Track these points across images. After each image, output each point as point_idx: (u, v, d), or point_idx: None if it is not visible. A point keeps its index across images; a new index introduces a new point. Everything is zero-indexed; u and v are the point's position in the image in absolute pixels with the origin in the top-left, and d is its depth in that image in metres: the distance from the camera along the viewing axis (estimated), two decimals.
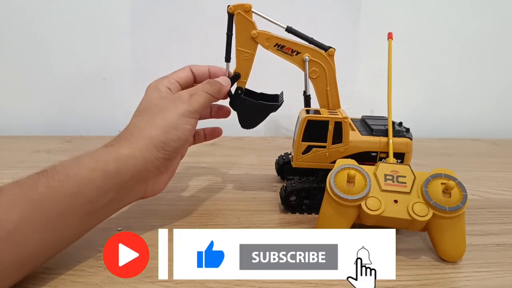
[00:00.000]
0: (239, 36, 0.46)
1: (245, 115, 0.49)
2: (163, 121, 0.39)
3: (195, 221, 0.47)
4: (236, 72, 0.48)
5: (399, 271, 0.38)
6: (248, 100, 0.48)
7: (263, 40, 0.47)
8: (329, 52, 0.47)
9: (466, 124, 0.87)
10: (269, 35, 0.47)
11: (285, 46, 0.47)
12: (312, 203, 0.48)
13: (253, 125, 0.50)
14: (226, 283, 0.35)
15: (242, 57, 0.47)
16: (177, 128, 0.40)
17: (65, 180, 0.34)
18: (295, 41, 0.47)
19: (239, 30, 0.46)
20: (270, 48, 0.47)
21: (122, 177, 0.37)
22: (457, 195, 0.38)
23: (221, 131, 0.52)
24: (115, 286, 0.35)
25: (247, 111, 0.48)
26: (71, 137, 0.78)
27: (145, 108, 0.41)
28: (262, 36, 0.46)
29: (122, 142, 0.38)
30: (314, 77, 0.48)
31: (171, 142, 0.40)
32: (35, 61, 0.78)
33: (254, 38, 0.46)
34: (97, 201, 0.36)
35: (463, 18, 0.81)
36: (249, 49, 0.47)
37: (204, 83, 0.44)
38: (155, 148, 0.39)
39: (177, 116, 0.40)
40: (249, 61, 0.47)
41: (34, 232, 0.32)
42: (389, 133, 0.45)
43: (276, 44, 0.47)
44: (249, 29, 0.46)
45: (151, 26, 0.77)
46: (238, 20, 0.46)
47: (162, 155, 0.39)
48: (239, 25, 0.46)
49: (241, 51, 0.47)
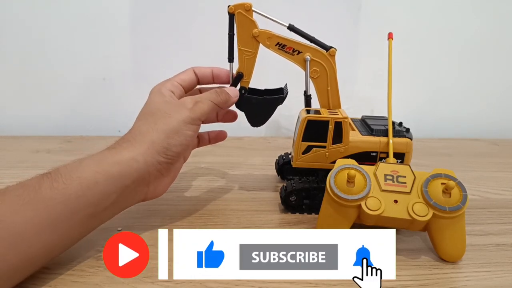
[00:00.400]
0: (241, 35, 0.46)
1: (252, 113, 0.49)
2: (166, 126, 0.40)
3: (195, 221, 0.47)
4: (239, 72, 0.47)
5: (399, 271, 0.38)
6: (253, 98, 0.48)
7: (265, 39, 0.46)
8: (330, 52, 0.47)
9: (466, 124, 0.87)
10: (271, 34, 0.46)
11: (286, 45, 0.47)
12: (312, 203, 0.48)
13: (263, 122, 0.50)
14: (226, 283, 0.35)
15: (245, 57, 0.47)
16: (179, 133, 0.40)
17: (69, 183, 0.34)
18: (296, 41, 0.47)
19: (240, 30, 0.46)
20: (271, 47, 0.47)
21: (125, 180, 0.37)
22: (457, 195, 0.38)
23: (226, 134, 0.52)
24: (115, 286, 0.35)
25: (254, 108, 0.48)
26: (71, 137, 0.78)
27: (148, 112, 0.41)
28: (263, 35, 0.46)
29: (125, 145, 0.39)
30: (315, 76, 0.48)
31: (173, 147, 0.40)
32: (35, 61, 0.78)
33: (256, 37, 0.46)
34: (100, 204, 0.36)
35: (463, 18, 0.81)
36: (251, 48, 0.47)
37: (212, 91, 0.44)
38: (157, 153, 0.39)
39: (179, 122, 0.40)
40: (251, 60, 0.47)
41: (38, 234, 0.32)
42: (389, 133, 0.45)
43: (278, 43, 0.47)
44: (250, 28, 0.46)
45: (151, 26, 0.77)
46: (239, 20, 0.45)
47: (164, 159, 0.40)
48: (240, 25, 0.46)
49: (243, 51, 0.47)
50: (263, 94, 0.49)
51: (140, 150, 0.38)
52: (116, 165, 0.37)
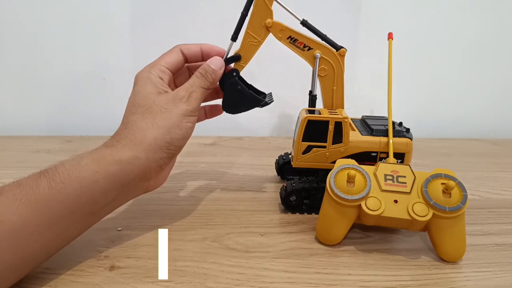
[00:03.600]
0: (253, 20, 0.45)
1: (231, 99, 0.47)
2: (166, 121, 0.39)
3: (195, 221, 0.47)
4: (237, 53, 0.46)
5: (399, 271, 0.38)
6: (240, 85, 0.46)
7: (277, 31, 0.46)
8: (340, 52, 0.47)
9: (466, 124, 0.87)
10: (284, 26, 0.46)
11: (298, 40, 0.46)
12: (312, 203, 0.48)
13: (235, 112, 0.48)
14: (226, 283, 0.35)
15: (249, 41, 0.46)
16: (180, 127, 0.40)
17: (68, 182, 0.33)
18: (308, 37, 0.46)
19: (255, 15, 0.45)
20: (283, 39, 0.46)
21: (125, 177, 0.37)
22: (457, 195, 0.38)
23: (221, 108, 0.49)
24: (115, 286, 0.35)
25: (235, 95, 0.47)
26: (71, 137, 0.78)
27: (142, 105, 0.40)
28: (276, 27, 0.46)
29: (124, 142, 0.38)
30: (323, 75, 0.48)
31: (175, 142, 0.40)
32: (35, 61, 0.78)
33: (268, 27, 0.45)
34: (99, 202, 0.36)
35: (463, 18, 0.80)
36: (259, 36, 0.46)
37: (199, 75, 0.43)
38: (160, 149, 0.39)
39: (179, 116, 0.40)
40: (255, 47, 0.46)
41: (35, 233, 0.32)
42: (389, 133, 0.45)
43: (290, 36, 0.46)
44: (265, 16, 0.45)
45: (151, 26, 0.77)
46: (258, 5, 0.44)
47: (166, 154, 0.39)
48: (257, 10, 0.45)
49: (250, 35, 0.46)
50: (248, 87, 0.48)
51: (142, 147, 0.38)
52: (116, 164, 0.36)
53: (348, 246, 0.42)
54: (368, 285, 0.36)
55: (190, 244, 0.41)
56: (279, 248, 0.41)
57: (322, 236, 0.42)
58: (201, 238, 0.43)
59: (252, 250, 0.41)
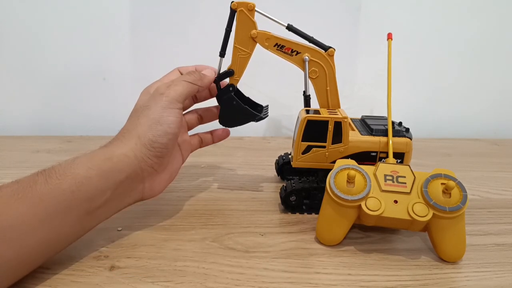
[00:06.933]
0: (239, 33, 0.46)
1: (227, 113, 0.49)
2: (147, 117, 0.40)
3: (195, 221, 0.47)
4: (230, 68, 0.47)
5: (399, 271, 0.38)
6: (236, 101, 0.47)
7: (263, 40, 0.47)
8: (329, 52, 0.47)
9: (466, 124, 0.87)
10: (269, 35, 0.46)
11: (284, 46, 0.47)
12: (312, 203, 0.48)
13: (231, 125, 0.49)
14: (226, 283, 0.35)
15: (239, 55, 0.47)
16: (161, 122, 0.40)
17: (63, 178, 0.34)
18: (294, 41, 0.47)
19: (240, 28, 0.46)
20: (270, 48, 0.47)
21: (118, 176, 0.37)
22: (457, 195, 0.38)
23: (229, 132, 0.52)
24: (115, 286, 0.35)
25: (231, 110, 0.48)
26: (71, 137, 0.78)
27: (134, 111, 0.43)
28: (262, 36, 0.46)
29: (115, 143, 0.40)
30: (314, 77, 0.48)
31: (158, 138, 0.40)
32: (35, 61, 0.78)
33: (254, 38, 0.46)
34: (94, 200, 0.36)
35: (463, 18, 0.80)
36: (247, 48, 0.47)
37: (184, 73, 0.45)
38: (145, 147, 0.39)
39: (158, 110, 0.41)
40: (245, 60, 0.47)
41: (33, 229, 0.32)
42: (389, 133, 0.45)
43: (276, 44, 0.47)
44: (249, 28, 0.46)
45: (151, 26, 0.77)
46: (240, 18, 0.45)
47: (152, 152, 0.40)
48: (240, 23, 0.46)
49: (238, 49, 0.47)
50: (244, 101, 0.49)
51: (129, 146, 0.39)
52: (107, 161, 0.37)
53: (348, 246, 0.42)
54: (368, 285, 0.36)
55: (190, 244, 0.42)
56: (279, 248, 0.41)
57: (322, 237, 0.42)
58: (201, 238, 0.43)
59: (252, 250, 0.41)
